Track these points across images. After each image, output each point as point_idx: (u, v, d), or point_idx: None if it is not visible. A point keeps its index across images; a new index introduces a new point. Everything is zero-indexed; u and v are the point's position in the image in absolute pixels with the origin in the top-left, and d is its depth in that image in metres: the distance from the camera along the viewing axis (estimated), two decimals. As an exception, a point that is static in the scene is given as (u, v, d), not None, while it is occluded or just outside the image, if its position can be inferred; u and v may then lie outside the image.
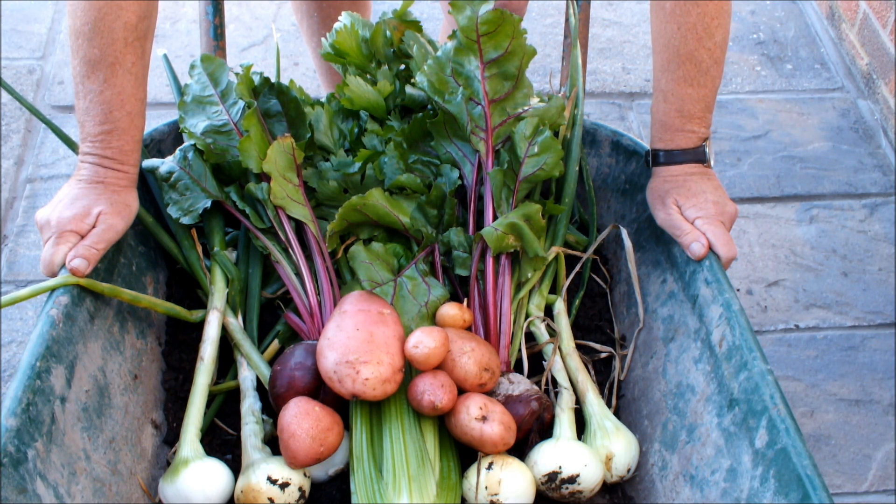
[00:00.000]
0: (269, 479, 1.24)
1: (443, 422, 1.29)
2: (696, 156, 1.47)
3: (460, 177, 1.48)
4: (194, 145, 1.47)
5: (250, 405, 1.35)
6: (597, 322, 1.56)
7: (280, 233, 1.45)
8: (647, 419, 1.40)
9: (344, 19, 1.60)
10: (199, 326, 1.43)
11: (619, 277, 1.60)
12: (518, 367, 1.41)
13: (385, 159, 1.49)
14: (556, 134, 1.50)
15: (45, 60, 2.80)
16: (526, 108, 1.46)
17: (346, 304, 1.30)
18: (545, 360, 1.42)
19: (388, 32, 1.60)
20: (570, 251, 1.54)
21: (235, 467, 1.32)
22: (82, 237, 1.33)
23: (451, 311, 1.36)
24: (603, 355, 1.50)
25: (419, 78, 1.47)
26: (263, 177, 1.45)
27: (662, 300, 1.46)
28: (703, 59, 1.41)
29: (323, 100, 1.60)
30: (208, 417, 1.39)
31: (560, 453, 1.28)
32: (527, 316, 1.45)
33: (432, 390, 1.23)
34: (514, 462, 1.26)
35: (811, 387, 2.07)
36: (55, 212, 1.35)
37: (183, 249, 1.51)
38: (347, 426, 1.29)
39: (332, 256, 1.47)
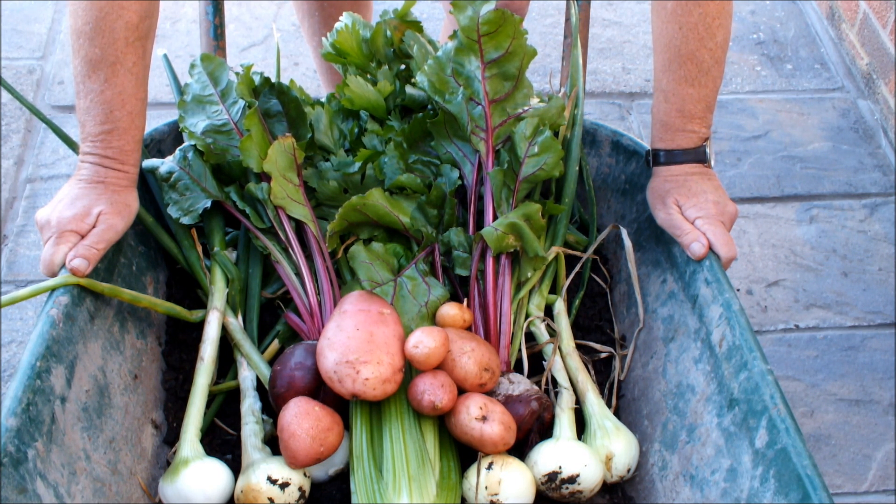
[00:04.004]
0: (269, 479, 1.24)
1: (443, 422, 1.29)
2: (697, 156, 1.47)
3: (460, 177, 1.48)
4: (194, 145, 1.47)
5: (250, 405, 1.35)
6: (597, 322, 1.56)
7: (280, 233, 1.45)
8: (647, 419, 1.40)
9: (345, 19, 1.60)
10: (199, 326, 1.43)
11: (619, 277, 1.60)
12: (518, 367, 1.41)
13: (385, 159, 1.49)
14: (556, 134, 1.50)
15: (45, 60, 2.80)
16: (526, 108, 1.46)
17: (346, 304, 1.30)
18: (545, 360, 1.42)
19: (388, 32, 1.60)
20: (570, 251, 1.54)
21: (235, 467, 1.32)
22: (82, 237, 1.33)
23: (451, 311, 1.36)
24: (603, 355, 1.50)
25: (419, 78, 1.47)
26: (264, 177, 1.45)
27: (662, 300, 1.46)
28: (705, 59, 1.41)
29: (323, 100, 1.61)
30: (208, 417, 1.39)
31: (560, 453, 1.28)
32: (527, 316, 1.45)
33: (432, 390, 1.23)
34: (514, 462, 1.26)
35: (811, 387, 2.07)
36: (55, 212, 1.35)
37: (183, 249, 1.51)
38: (347, 426, 1.29)
39: (332, 256, 1.47)
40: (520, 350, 1.41)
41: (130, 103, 1.37)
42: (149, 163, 1.52)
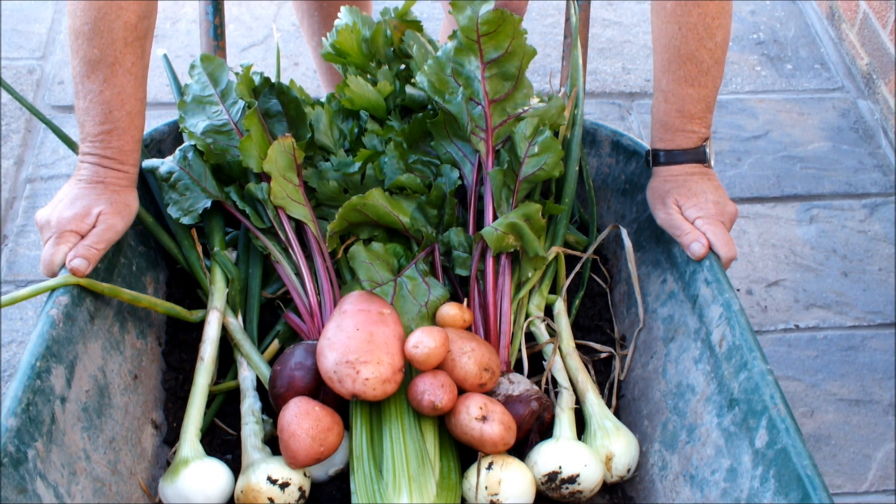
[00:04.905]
0: (269, 479, 1.24)
1: (443, 422, 1.29)
2: (697, 156, 1.47)
3: (460, 177, 1.48)
4: (194, 145, 1.47)
5: (250, 405, 1.35)
6: (597, 322, 1.56)
7: (280, 233, 1.45)
8: (647, 419, 1.40)
9: (345, 17, 1.60)
10: (199, 326, 1.43)
11: (619, 277, 1.60)
12: (518, 367, 1.41)
13: (385, 159, 1.49)
14: (556, 134, 1.50)
15: (45, 60, 2.80)
16: (526, 108, 1.46)
17: (346, 304, 1.30)
18: (545, 360, 1.42)
19: (388, 32, 1.60)
20: (570, 251, 1.54)
21: (235, 467, 1.32)
22: (82, 237, 1.33)
23: (451, 311, 1.36)
24: (603, 355, 1.50)
25: (419, 78, 1.47)
26: (263, 177, 1.45)
27: (662, 300, 1.46)
28: (704, 59, 1.41)
29: (323, 100, 1.60)
30: (208, 417, 1.39)
31: (560, 453, 1.28)
32: (527, 316, 1.45)
33: (432, 390, 1.23)
34: (514, 462, 1.26)
35: (811, 387, 2.07)
36: (55, 212, 1.35)
37: (183, 249, 1.51)
38: (347, 426, 1.29)
39: (332, 256, 1.47)
40: (520, 350, 1.41)
41: (129, 103, 1.37)
42: (149, 163, 1.52)
